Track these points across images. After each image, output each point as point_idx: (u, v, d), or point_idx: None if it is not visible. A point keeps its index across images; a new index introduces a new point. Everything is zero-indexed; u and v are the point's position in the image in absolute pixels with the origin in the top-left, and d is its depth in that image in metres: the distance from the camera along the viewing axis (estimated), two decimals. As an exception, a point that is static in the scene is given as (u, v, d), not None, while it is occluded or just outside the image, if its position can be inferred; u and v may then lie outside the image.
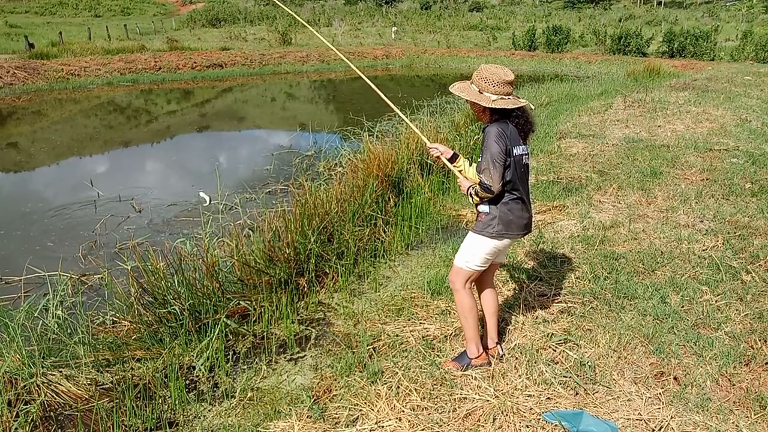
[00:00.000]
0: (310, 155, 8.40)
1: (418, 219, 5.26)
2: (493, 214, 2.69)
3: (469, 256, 2.78)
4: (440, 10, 49.94)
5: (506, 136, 2.60)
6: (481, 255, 2.76)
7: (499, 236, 2.71)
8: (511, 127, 2.64)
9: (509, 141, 2.61)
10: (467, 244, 2.80)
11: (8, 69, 16.98)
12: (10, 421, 2.62)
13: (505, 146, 2.59)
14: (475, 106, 2.70)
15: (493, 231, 2.70)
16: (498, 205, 2.68)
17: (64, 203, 6.55)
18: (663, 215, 5.10)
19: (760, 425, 2.49)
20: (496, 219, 2.69)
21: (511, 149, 2.62)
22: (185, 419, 2.78)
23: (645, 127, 8.94)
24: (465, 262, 2.80)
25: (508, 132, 2.62)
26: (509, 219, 2.69)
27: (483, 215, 2.74)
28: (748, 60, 22.84)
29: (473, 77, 2.68)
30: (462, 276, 2.81)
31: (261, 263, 3.90)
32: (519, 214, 2.72)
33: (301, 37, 30.32)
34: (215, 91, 18.50)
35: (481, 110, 2.69)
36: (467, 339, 2.90)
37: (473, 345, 2.89)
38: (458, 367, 2.90)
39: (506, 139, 2.60)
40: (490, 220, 2.70)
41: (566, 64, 23.41)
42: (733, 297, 3.58)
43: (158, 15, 47.27)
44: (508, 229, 2.71)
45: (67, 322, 3.46)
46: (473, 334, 2.88)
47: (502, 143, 2.58)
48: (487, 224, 2.71)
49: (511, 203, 2.69)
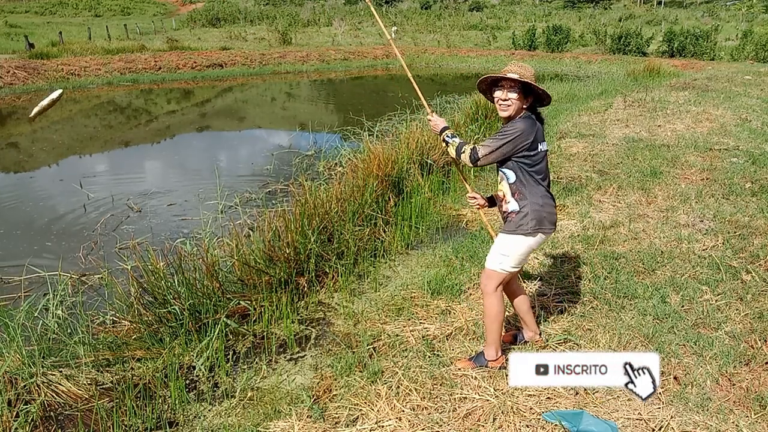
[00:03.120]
0: (310, 155, 8.40)
1: (418, 219, 5.26)
2: (525, 211, 2.68)
3: (503, 258, 2.74)
4: (440, 9, 49.91)
5: (533, 133, 2.64)
6: (516, 255, 2.73)
7: (534, 232, 2.69)
8: (538, 124, 2.68)
9: (536, 136, 2.65)
10: (500, 246, 2.76)
11: (8, 69, 16.98)
12: (10, 420, 2.63)
13: (529, 142, 2.63)
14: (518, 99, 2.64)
15: (528, 228, 2.68)
16: (529, 202, 2.68)
17: (63, 203, 6.55)
18: (663, 215, 5.10)
19: (760, 425, 2.49)
20: (529, 215, 2.68)
21: (537, 144, 2.66)
22: (185, 419, 2.79)
23: (645, 127, 8.94)
24: (499, 264, 2.75)
25: (535, 128, 2.66)
26: (542, 215, 2.69)
27: (513, 214, 2.72)
28: (748, 59, 22.83)
29: (522, 72, 2.62)
30: (495, 279, 2.76)
31: (261, 263, 3.90)
32: (549, 209, 2.73)
33: (301, 36, 30.32)
34: (215, 91, 18.49)
35: (520, 106, 2.67)
36: (488, 342, 2.88)
37: (493, 349, 2.87)
38: (474, 368, 2.89)
39: (531, 136, 2.63)
40: (523, 217, 2.69)
41: (566, 63, 23.40)
42: (733, 297, 3.58)
43: (158, 15, 47.25)
44: (542, 225, 2.70)
45: (67, 322, 3.47)
46: (496, 338, 2.85)
47: (526, 138, 2.62)
48: (519, 223, 2.70)
49: (541, 199, 2.70)
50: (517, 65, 2.67)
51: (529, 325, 3.09)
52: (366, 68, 24.27)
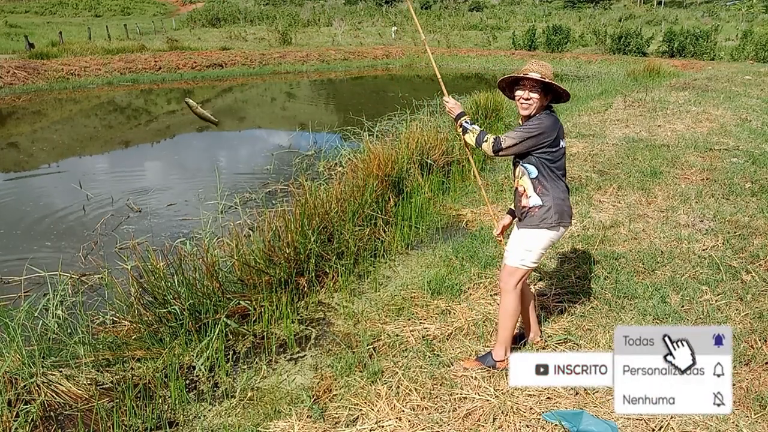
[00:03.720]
0: (310, 155, 8.40)
1: (418, 219, 5.26)
2: (548, 206, 2.70)
3: (524, 253, 2.74)
4: (440, 9, 49.91)
5: (556, 129, 2.67)
6: (538, 250, 2.75)
7: (557, 226, 2.72)
8: (560, 122, 2.72)
9: (558, 133, 2.68)
10: (520, 242, 2.76)
11: (8, 69, 16.98)
12: (10, 420, 2.63)
13: (552, 138, 2.66)
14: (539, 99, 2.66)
15: (552, 221, 2.70)
16: (551, 196, 2.70)
17: (63, 203, 6.55)
18: (663, 215, 5.10)
19: (760, 425, 2.49)
20: (552, 209, 2.70)
21: (559, 141, 2.70)
22: (185, 419, 2.79)
23: (645, 127, 8.94)
24: (521, 261, 2.75)
25: (558, 125, 2.70)
26: (563, 209, 2.73)
27: (536, 209, 2.73)
28: (748, 59, 22.83)
29: (543, 72, 2.63)
30: (517, 276, 2.76)
31: (261, 263, 3.89)
32: (568, 203, 2.79)
33: (301, 36, 30.32)
34: (215, 91, 18.49)
35: (540, 104, 2.68)
36: (500, 341, 2.87)
37: (503, 348, 2.86)
38: (481, 368, 2.88)
39: (554, 132, 2.66)
40: (546, 212, 2.70)
41: (566, 63, 23.40)
42: (733, 297, 3.58)
43: (158, 15, 47.25)
44: (563, 218, 2.73)
45: (67, 322, 3.46)
46: (508, 337, 2.85)
47: (549, 135, 2.64)
48: (542, 217, 2.71)
49: (562, 193, 2.74)
50: (538, 64, 2.69)
51: (531, 326, 3.09)
52: (366, 68, 24.26)
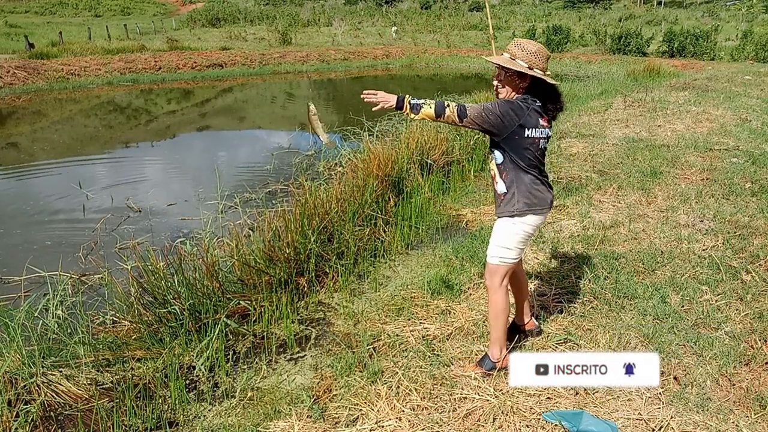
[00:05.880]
0: (310, 155, 8.40)
1: (418, 219, 5.26)
2: (512, 191, 2.61)
3: (502, 250, 2.67)
4: (440, 9, 49.92)
5: (521, 117, 2.50)
6: (513, 243, 2.65)
7: (526, 212, 2.61)
8: (531, 109, 2.53)
9: (524, 122, 2.51)
10: (496, 237, 2.68)
11: (8, 69, 16.99)
12: (10, 420, 2.63)
13: (515, 125, 2.49)
14: (512, 82, 2.56)
15: (519, 208, 2.60)
16: (516, 183, 2.60)
17: (63, 203, 6.55)
18: (663, 215, 5.10)
19: (760, 425, 2.49)
20: (516, 195, 2.60)
21: (525, 130, 2.52)
22: (185, 419, 2.79)
23: (645, 127, 8.94)
24: (500, 258, 2.67)
25: (524, 112, 2.51)
26: (531, 195, 2.61)
27: (501, 195, 2.65)
28: (748, 60, 22.83)
29: (515, 52, 2.52)
30: (500, 273, 2.69)
31: (261, 263, 3.89)
32: (539, 190, 2.64)
33: (301, 36, 30.31)
34: (215, 91, 18.49)
35: (515, 88, 2.57)
36: (493, 340, 2.81)
37: (497, 347, 2.81)
38: (483, 372, 2.83)
39: (516, 119, 2.49)
40: (511, 197, 2.62)
41: (566, 63, 23.39)
42: (733, 297, 3.58)
43: (158, 15, 47.26)
44: (531, 205, 2.61)
45: (67, 322, 3.46)
46: (500, 335, 2.79)
47: (511, 119, 2.48)
48: (507, 202, 2.63)
49: (530, 183, 2.61)
50: (515, 43, 2.56)
51: (525, 311, 3.10)
52: (366, 68, 24.26)
